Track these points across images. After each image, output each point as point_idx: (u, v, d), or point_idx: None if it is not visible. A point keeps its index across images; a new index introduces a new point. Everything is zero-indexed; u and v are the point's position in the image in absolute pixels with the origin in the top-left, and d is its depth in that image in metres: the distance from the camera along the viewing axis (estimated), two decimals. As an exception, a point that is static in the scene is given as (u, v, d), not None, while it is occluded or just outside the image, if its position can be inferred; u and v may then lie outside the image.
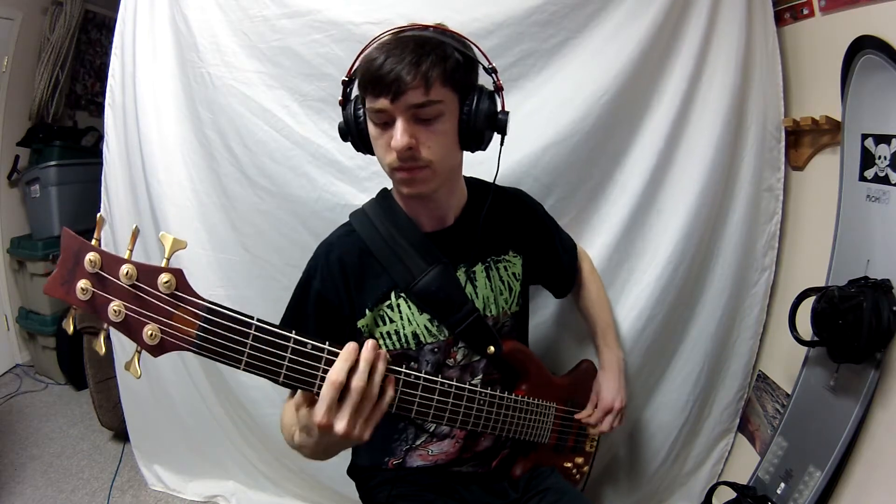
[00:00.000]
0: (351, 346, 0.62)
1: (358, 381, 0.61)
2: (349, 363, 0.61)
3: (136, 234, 0.56)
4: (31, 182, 2.43)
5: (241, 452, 1.61)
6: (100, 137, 2.29)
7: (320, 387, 0.61)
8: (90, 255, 0.52)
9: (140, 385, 1.62)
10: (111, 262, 0.53)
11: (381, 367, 0.63)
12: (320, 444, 0.66)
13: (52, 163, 2.39)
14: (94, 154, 2.36)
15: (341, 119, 0.86)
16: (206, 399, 1.56)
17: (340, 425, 0.61)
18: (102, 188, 1.53)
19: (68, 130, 2.68)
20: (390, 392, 0.66)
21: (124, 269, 0.53)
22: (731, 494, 1.28)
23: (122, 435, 1.88)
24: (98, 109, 2.70)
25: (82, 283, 0.52)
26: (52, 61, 2.53)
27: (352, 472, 1.05)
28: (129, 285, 0.53)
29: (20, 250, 2.43)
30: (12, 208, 2.55)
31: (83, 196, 2.44)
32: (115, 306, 0.53)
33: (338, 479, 1.42)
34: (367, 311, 0.88)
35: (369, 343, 0.63)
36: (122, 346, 1.62)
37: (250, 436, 1.56)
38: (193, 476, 1.70)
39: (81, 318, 1.90)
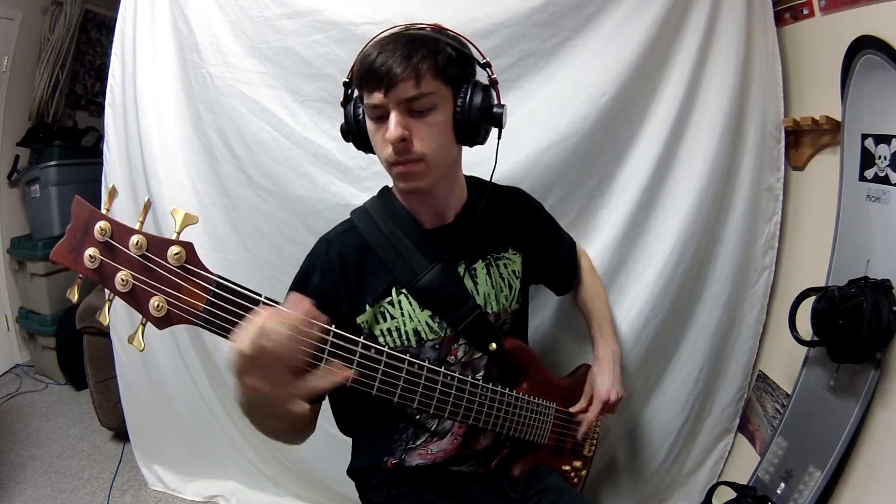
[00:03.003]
0: (279, 310, 0.59)
1: (268, 341, 0.56)
2: (265, 321, 0.56)
3: (147, 206, 0.56)
4: (31, 182, 2.43)
5: (241, 452, 1.61)
6: (100, 137, 2.29)
7: (328, 363, 0.60)
8: (100, 224, 0.51)
9: (140, 385, 1.62)
10: (121, 232, 0.53)
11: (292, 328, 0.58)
12: (246, 403, 0.65)
13: (52, 163, 2.39)
14: (94, 154, 2.35)
15: (343, 120, 0.87)
16: (206, 399, 1.56)
17: (249, 379, 0.58)
18: (102, 188, 1.53)
19: (68, 130, 2.68)
20: (334, 378, 0.61)
21: (134, 239, 0.52)
22: (731, 494, 1.28)
23: (122, 435, 1.88)
24: (98, 109, 2.70)
25: (91, 251, 0.51)
26: (52, 61, 2.53)
27: (351, 472, 1.05)
28: (138, 255, 0.53)
29: (20, 250, 2.43)
30: (12, 208, 2.55)
31: (83, 196, 2.42)
32: (122, 276, 0.52)
33: (337, 479, 1.42)
34: (367, 307, 0.88)
35: (305, 308, 0.60)
36: (123, 344, 1.62)
37: (250, 436, 1.56)
38: (193, 476, 1.70)
39: (82, 317, 1.88)
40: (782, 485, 1.20)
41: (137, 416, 1.70)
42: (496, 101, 0.83)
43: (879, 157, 1.06)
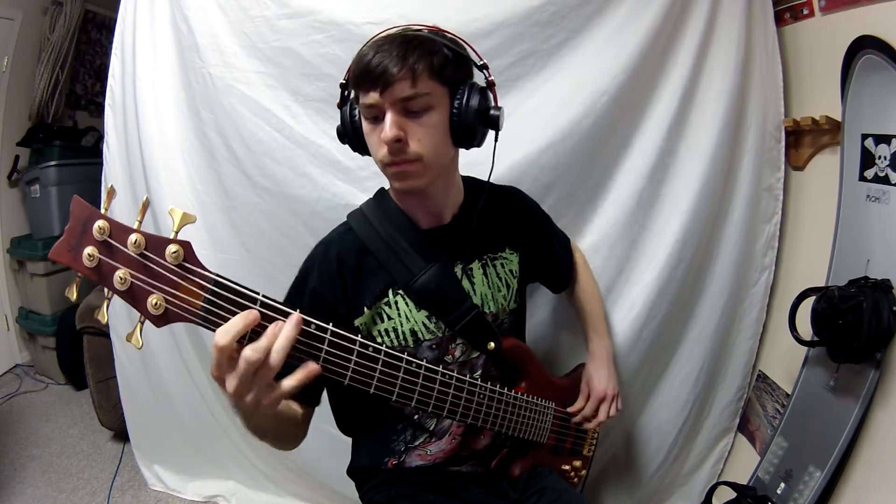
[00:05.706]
0: (248, 314, 0.58)
1: (247, 351, 0.57)
2: (238, 328, 0.56)
3: (146, 204, 0.56)
4: (31, 182, 2.44)
5: (241, 452, 1.61)
6: (100, 137, 2.29)
7: (325, 361, 0.60)
8: (99, 223, 0.52)
9: (140, 385, 1.62)
10: (120, 231, 0.53)
11: (281, 341, 0.58)
12: (239, 413, 0.66)
13: (52, 163, 2.39)
14: (94, 154, 2.36)
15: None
16: (206, 399, 1.56)
17: (230, 383, 0.58)
18: (102, 188, 1.53)
19: (68, 130, 2.68)
20: (297, 377, 0.61)
21: (133, 237, 0.53)
22: (731, 494, 1.28)
23: (122, 435, 1.88)
24: (98, 109, 2.70)
25: (89, 250, 0.52)
26: (52, 61, 2.53)
27: (351, 472, 1.05)
28: (136, 254, 0.53)
29: (20, 250, 2.44)
30: (12, 208, 2.55)
31: (83, 196, 2.41)
32: (121, 274, 0.53)
33: (337, 479, 1.42)
34: (365, 308, 0.88)
35: (292, 318, 0.60)
36: (122, 344, 1.62)
37: (250, 436, 1.55)
38: (193, 476, 1.70)
39: (82, 317, 1.87)
40: (782, 485, 1.20)
41: (137, 416, 1.70)
42: (493, 103, 0.83)
43: (879, 157, 1.06)
